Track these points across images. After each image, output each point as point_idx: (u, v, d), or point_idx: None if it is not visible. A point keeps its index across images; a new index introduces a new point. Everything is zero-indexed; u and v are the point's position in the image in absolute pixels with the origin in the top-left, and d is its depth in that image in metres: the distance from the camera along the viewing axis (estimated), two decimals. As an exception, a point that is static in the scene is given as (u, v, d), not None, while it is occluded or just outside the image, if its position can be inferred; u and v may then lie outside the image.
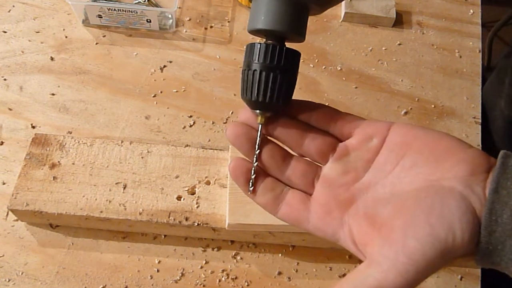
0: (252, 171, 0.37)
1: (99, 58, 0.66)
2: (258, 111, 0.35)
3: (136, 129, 0.60)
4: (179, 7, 0.72)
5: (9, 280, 0.49)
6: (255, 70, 0.34)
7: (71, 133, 0.59)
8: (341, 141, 0.37)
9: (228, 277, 0.51)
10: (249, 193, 0.37)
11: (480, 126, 0.65)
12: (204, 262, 0.52)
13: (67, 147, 0.53)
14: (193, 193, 0.52)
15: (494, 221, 0.31)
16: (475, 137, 0.64)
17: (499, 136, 0.72)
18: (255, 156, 0.37)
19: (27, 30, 0.68)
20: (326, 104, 0.38)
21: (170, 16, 0.70)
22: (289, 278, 0.52)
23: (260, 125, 0.36)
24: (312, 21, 0.73)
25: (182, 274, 0.51)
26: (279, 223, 0.49)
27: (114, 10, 0.66)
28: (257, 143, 0.36)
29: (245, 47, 0.35)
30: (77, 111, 0.61)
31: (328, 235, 0.36)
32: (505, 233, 0.30)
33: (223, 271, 0.51)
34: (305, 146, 0.37)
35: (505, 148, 0.33)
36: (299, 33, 0.35)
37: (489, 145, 0.75)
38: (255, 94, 0.34)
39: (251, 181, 0.37)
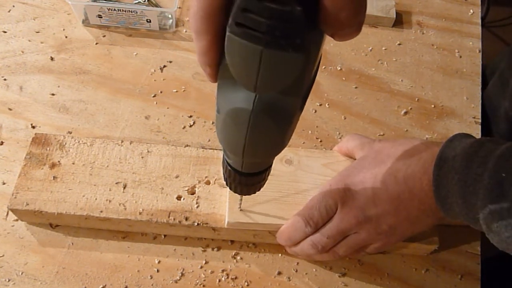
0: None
1: (99, 58, 0.66)
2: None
3: (136, 129, 0.60)
4: (179, 7, 0.72)
5: (9, 280, 0.49)
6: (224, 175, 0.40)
7: (71, 133, 0.59)
8: None
9: (228, 277, 0.51)
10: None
11: (480, 126, 0.65)
12: (204, 262, 0.52)
13: (67, 147, 0.53)
14: (193, 193, 0.52)
15: (443, 161, 0.41)
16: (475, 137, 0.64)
17: (503, 138, 0.72)
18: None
19: (27, 30, 0.68)
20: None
21: (170, 16, 0.70)
22: (289, 278, 0.52)
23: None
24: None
25: (182, 274, 0.51)
26: (278, 223, 0.49)
27: (114, 10, 0.66)
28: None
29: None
30: (77, 111, 0.61)
31: None
32: (449, 169, 0.40)
33: (223, 271, 0.51)
34: None
35: None
36: None
37: None
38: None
39: None
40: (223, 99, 0.30)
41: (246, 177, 0.38)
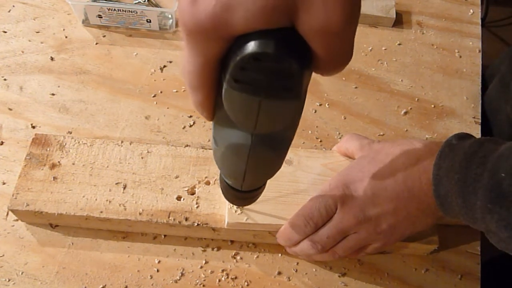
0: None
1: (99, 58, 0.66)
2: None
3: (136, 129, 0.60)
4: (179, 7, 0.72)
5: (9, 280, 0.49)
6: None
7: (71, 133, 0.59)
8: None
9: (228, 277, 0.51)
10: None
11: (480, 126, 0.65)
12: (204, 262, 0.52)
13: (67, 147, 0.53)
14: (193, 193, 0.52)
15: (442, 160, 0.41)
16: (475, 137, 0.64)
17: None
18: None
19: (27, 30, 0.68)
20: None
21: (170, 16, 0.70)
22: (288, 278, 0.52)
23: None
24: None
25: (182, 274, 0.51)
26: (278, 223, 0.49)
27: (114, 10, 0.66)
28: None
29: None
30: (77, 111, 0.61)
31: None
32: (448, 168, 0.40)
33: (223, 271, 0.51)
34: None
35: None
36: None
37: None
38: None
39: None
40: (220, 134, 0.31)
41: (245, 193, 0.39)
